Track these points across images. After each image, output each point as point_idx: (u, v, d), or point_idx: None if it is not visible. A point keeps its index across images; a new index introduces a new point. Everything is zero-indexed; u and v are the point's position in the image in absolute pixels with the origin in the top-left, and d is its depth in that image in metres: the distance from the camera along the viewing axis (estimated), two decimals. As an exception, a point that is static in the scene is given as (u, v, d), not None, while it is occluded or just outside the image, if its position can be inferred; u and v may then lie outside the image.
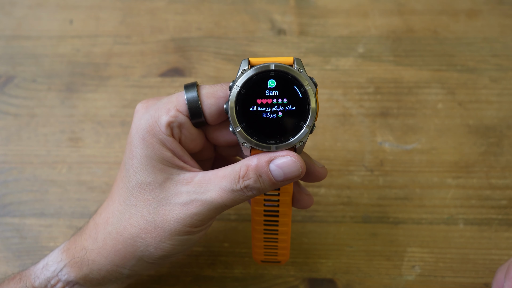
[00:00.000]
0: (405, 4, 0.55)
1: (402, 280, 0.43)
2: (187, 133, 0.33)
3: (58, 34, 0.54)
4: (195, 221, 0.33)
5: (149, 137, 0.32)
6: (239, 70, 0.32)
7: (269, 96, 0.31)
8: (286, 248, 0.39)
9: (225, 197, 0.32)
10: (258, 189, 0.32)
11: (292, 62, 0.32)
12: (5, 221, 0.46)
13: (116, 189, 0.35)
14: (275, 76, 0.31)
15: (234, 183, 0.32)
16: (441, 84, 0.51)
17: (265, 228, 0.37)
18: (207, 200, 0.32)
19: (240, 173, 0.32)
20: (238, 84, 0.31)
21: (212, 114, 0.33)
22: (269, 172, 0.31)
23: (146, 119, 0.33)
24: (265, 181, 0.32)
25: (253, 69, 0.31)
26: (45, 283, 0.35)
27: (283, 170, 0.31)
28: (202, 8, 0.56)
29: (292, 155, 0.31)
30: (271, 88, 0.31)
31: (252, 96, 0.31)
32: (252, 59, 0.32)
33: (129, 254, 0.34)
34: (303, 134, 0.31)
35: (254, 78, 0.31)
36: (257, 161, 0.31)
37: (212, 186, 0.32)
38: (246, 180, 0.31)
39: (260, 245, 0.39)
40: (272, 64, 0.31)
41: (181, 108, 0.33)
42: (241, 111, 0.31)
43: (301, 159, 0.31)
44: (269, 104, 0.31)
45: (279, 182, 0.32)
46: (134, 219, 0.33)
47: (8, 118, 0.50)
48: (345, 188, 0.47)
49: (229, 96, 0.31)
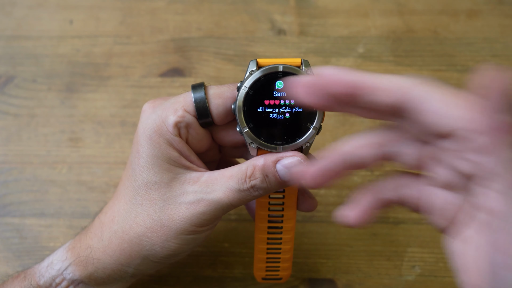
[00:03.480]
0: (405, 4, 0.55)
1: (402, 280, 0.43)
2: (194, 133, 0.33)
3: (58, 34, 0.55)
4: (201, 220, 0.33)
5: (156, 137, 0.33)
6: (247, 71, 0.32)
7: (277, 97, 0.32)
8: (288, 261, 0.39)
9: (231, 197, 0.32)
10: (264, 189, 0.32)
11: (300, 63, 0.32)
12: (5, 221, 0.46)
13: (122, 188, 0.35)
14: (283, 77, 0.32)
15: (241, 183, 0.32)
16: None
17: (269, 237, 0.37)
18: (214, 199, 0.32)
19: (247, 173, 0.32)
20: (246, 85, 0.31)
21: (219, 114, 0.33)
22: (276, 172, 0.32)
23: (153, 119, 0.33)
24: (271, 181, 0.32)
25: (261, 70, 0.31)
26: (50, 281, 0.35)
27: (290, 170, 0.31)
28: (202, 8, 0.56)
29: (298, 155, 0.32)
30: (279, 89, 0.32)
31: (260, 97, 0.32)
32: (260, 60, 0.32)
33: (135, 253, 0.34)
34: (310, 136, 0.32)
35: (262, 79, 0.32)
36: (264, 161, 0.32)
37: (218, 185, 0.32)
38: (253, 180, 0.32)
39: (263, 257, 0.38)
40: (280, 66, 0.31)
41: (188, 108, 0.33)
42: (249, 111, 0.32)
43: (307, 159, 0.32)
44: (277, 105, 0.32)
45: (286, 182, 0.32)
46: (140, 218, 0.33)
47: (8, 118, 0.51)
48: (345, 188, 0.47)
49: (237, 96, 0.32)
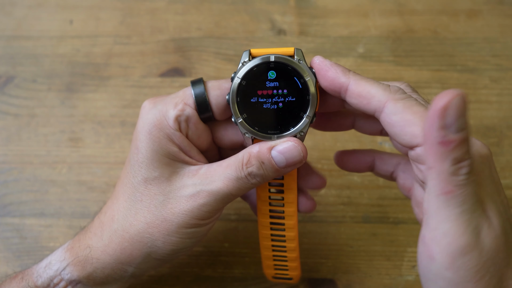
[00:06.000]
0: (405, 4, 0.55)
1: (402, 280, 0.43)
2: (194, 128, 0.34)
3: (58, 34, 0.54)
4: (202, 212, 0.33)
5: (156, 131, 0.33)
6: (240, 61, 0.32)
7: (270, 87, 0.32)
8: (295, 261, 0.38)
9: (230, 185, 0.32)
10: (261, 176, 0.32)
11: (292, 52, 0.32)
12: (5, 221, 0.46)
13: (120, 186, 0.35)
14: (275, 67, 0.32)
15: (239, 171, 0.32)
16: (441, 84, 0.51)
17: (272, 234, 0.37)
18: (214, 190, 0.32)
19: (243, 160, 0.32)
20: (239, 76, 0.32)
21: (218, 106, 0.33)
22: (271, 159, 0.32)
23: (154, 114, 0.33)
24: (267, 168, 0.32)
25: (253, 61, 0.31)
26: (47, 282, 0.35)
27: (285, 156, 0.32)
28: (202, 8, 0.56)
29: (293, 140, 0.32)
30: (272, 79, 0.32)
31: (253, 88, 0.32)
32: (253, 50, 0.32)
33: (136, 251, 0.34)
34: (304, 125, 0.32)
35: (254, 70, 0.32)
36: (259, 148, 0.32)
37: (217, 176, 0.33)
38: (250, 167, 0.32)
39: (269, 254, 0.38)
40: (272, 56, 0.31)
41: (188, 101, 0.33)
42: (242, 102, 0.32)
43: (302, 144, 0.32)
44: (270, 95, 0.32)
45: (282, 168, 0.32)
46: (140, 214, 0.34)
47: (8, 118, 0.51)
48: (345, 188, 0.47)
49: (231, 87, 0.32)
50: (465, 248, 0.26)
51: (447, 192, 0.26)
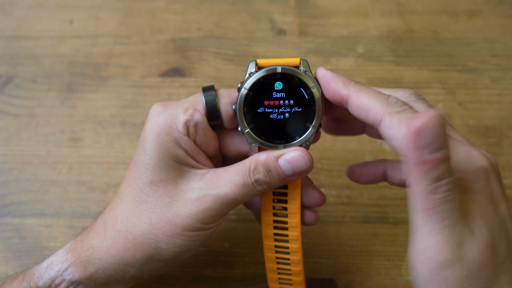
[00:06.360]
0: (405, 4, 0.55)
1: (402, 280, 0.43)
2: (202, 134, 0.34)
3: (58, 34, 0.55)
4: (207, 216, 0.33)
5: (164, 135, 0.33)
6: (246, 72, 0.32)
7: (276, 98, 0.32)
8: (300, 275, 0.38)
9: (237, 191, 0.33)
10: (267, 183, 0.33)
11: (298, 63, 0.32)
12: (5, 221, 0.46)
13: (125, 186, 0.35)
14: (282, 78, 0.32)
15: (246, 177, 0.32)
16: (441, 84, 0.51)
17: (276, 245, 0.37)
18: (220, 195, 0.33)
19: (251, 167, 0.32)
20: (246, 87, 0.32)
21: (228, 114, 0.34)
22: (278, 167, 0.32)
23: (164, 117, 0.34)
24: (274, 176, 0.32)
25: (260, 72, 0.32)
26: (49, 282, 0.35)
27: (292, 165, 0.32)
28: (202, 8, 0.56)
29: (300, 149, 0.32)
30: (278, 90, 0.32)
31: (260, 98, 0.32)
32: (259, 60, 0.33)
33: (139, 252, 0.34)
34: (309, 135, 0.32)
35: (261, 81, 0.32)
36: (266, 155, 0.32)
37: (223, 181, 0.33)
38: (256, 174, 0.32)
39: (273, 267, 0.38)
40: (278, 67, 0.32)
41: (198, 107, 0.34)
42: (249, 112, 0.32)
43: (308, 153, 0.32)
44: (276, 105, 0.32)
45: (288, 176, 0.33)
46: (144, 215, 0.34)
47: (8, 118, 0.51)
48: (345, 188, 0.47)
49: (238, 97, 0.32)
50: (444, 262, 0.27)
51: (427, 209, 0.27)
